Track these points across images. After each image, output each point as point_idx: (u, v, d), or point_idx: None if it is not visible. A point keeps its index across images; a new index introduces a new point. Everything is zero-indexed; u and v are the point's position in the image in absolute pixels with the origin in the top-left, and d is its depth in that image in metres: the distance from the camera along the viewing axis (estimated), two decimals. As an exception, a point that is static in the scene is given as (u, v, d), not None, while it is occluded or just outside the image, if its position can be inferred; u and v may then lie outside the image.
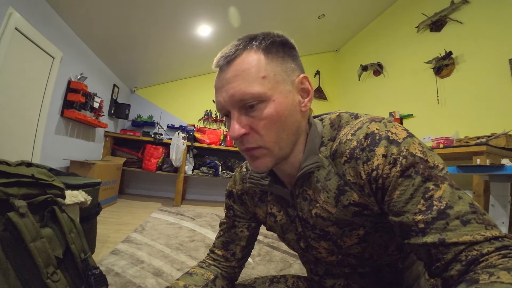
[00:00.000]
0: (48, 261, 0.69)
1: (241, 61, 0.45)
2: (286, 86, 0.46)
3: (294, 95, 0.47)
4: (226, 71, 0.46)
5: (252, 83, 0.44)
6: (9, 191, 0.70)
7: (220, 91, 0.47)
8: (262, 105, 0.44)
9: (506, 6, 2.11)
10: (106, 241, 1.71)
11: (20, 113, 1.92)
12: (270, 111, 0.44)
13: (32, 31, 1.91)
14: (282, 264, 1.60)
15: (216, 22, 3.04)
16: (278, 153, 0.47)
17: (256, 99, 0.44)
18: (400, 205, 0.40)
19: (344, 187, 0.47)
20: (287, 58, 0.48)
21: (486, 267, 0.32)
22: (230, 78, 0.45)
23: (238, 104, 0.45)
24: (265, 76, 0.44)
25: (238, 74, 0.44)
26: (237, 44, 0.46)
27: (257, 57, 0.45)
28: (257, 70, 0.44)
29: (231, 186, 0.69)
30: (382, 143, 0.42)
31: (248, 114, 0.46)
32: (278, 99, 0.45)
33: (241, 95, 0.44)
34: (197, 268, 0.65)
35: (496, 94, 2.12)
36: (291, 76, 0.47)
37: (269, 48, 0.46)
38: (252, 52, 0.45)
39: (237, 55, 0.45)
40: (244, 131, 0.45)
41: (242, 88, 0.44)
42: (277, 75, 0.45)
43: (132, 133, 3.68)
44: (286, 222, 0.59)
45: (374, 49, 3.72)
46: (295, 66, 0.49)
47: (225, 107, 0.47)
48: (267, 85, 0.44)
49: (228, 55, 0.46)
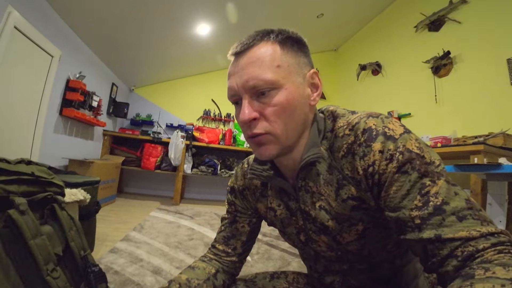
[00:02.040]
0: (48, 258, 0.69)
1: (257, 49, 0.47)
2: (298, 78, 0.48)
3: (305, 88, 0.49)
4: (241, 58, 0.48)
5: (266, 70, 0.45)
6: (9, 189, 0.70)
7: (234, 77, 0.48)
8: (274, 92, 0.46)
9: (504, 6, 2.11)
10: (105, 240, 1.72)
11: (19, 112, 1.92)
12: (281, 98, 0.46)
13: (31, 29, 1.91)
14: (281, 262, 1.61)
15: (214, 21, 3.03)
16: (284, 142, 0.48)
17: (269, 85, 0.45)
18: (396, 201, 0.41)
19: (343, 181, 0.48)
20: (300, 53, 0.50)
21: (481, 262, 0.32)
22: (245, 65, 0.47)
23: (250, 90, 0.46)
24: (279, 65, 0.46)
25: (253, 61, 0.46)
26: (254, 35, 0.48)
27: (273, 47, 0.47)
28: (272, 58, 0.46)
29: (232, 182, 0.70)
30: (379, 138, 0.43)
31: (259, 100, 0.47)
32: (290, 88, 0.46)
33: (255, 81, 0.45)
34: (199, 262, 0.67)
35: (494, 93, 2.13)
36: (303, 70, 0.49)
37: (285, 41, 0.48)
38: (268, 43, 0.48)
39: (254, 44, 0.48)
40: (254, 115, 0.47)
41: (257, 75, 0.45)
42: (291, 66, 0.47)
43: (130, 132, 3.67)
44: (286, 216, 0.59)
45: (372, 49, 3.73)
46: (307, 61, 0.51)
47: (237, 92, 0.48)
48: (280, 73, 0.46)
49: (245, 43, 0.48)
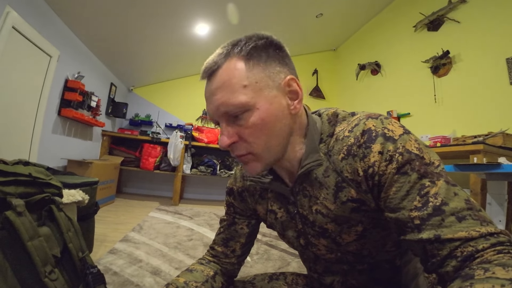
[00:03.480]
0: (46, 260, 0.69)
1: (222, 72, 0.45)
2: (271, 91, 0.46)
3: (281, 99, 0.47)
4: (210, 82, 0.47)
5: (234, 93, 0.44)
6: (6, 190, 0.69)
7: (207, 102, 0.48)
8: (247, 114, 0.45)
9: (503, 5, 2.11)
10: (104, 241, 1.71)
11: (17, 112, 1.91)
12: (255, 119, 0.45)
13: (30, 29, 1.90)
14: (280, 262, 1.61)
15: (213, 21, 3.03)
16: (267, 158, 0.48)
17: (240, 108, 0.44)
18: (396, 201, 0.41)
19: (342, 184, 0.48)
20: (271, 62, 0.47)
21: (481, 263, 0.32)
22: (214, 90, 0.46)
23: (224, 115, 0.46)
24: (246, 85, 0.44)
25: (220, 86, 0.45)
26: (219, 53, 0.46)
27: (238, 65, 0.45)
28: (238, 79, 0.44)
29: (231, 183, 0.69)
30: (379, 140, 0.43)
31: (236, 122, 0.46)
32: (263, 106, 0.45)
33: (225, 107, 0.45)
34: (197, 265, 0.66)
35: (493, 93, 2.13)
36: (275, 81, 0.46)
37: (250, 54, 0.45)
38: (233, 61, 0.45)
39: (218, 67, 0.46)
40: (232, 141, 0.46)
41: (225, 100, 0.44)
42: (260, 82, 0.45)
43: (129, 132, 3.66)
44: (286, 219, 0.59)
45: (372, 48, 3.73)
46: (281, 68, 0.47)
47: (213, 117, 0.48)
48: (249, 93, 0.44)
49: (210, 67, 0.46)
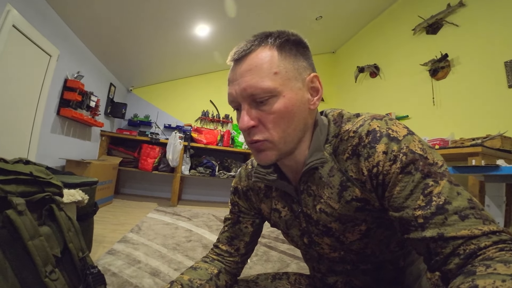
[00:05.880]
0: (47, 260, 0.68)
1: (254, 56, 0.46)
2: (297, 83, 0.47)
3: (304, 93, 0.48)
4: (240, 65, 0.47)
5: (264, 78, 0.45)
6: (7, 189, 0.69)
7: (233, 84, 0.48)
8: (272, 100, 0.46)
9: (502, 9, 2.14)
10: (103, 241, 1.70)
11: (16, 111, 1.90)
12: (280, 106, 0.45)
13: (30, 28, 1.89)
14: (280, 264, 1.60)
15: (213, 22, 3.04)
16: (282, 148, 0.48)
17: (267, 93, 0.45)
18: (400, 200, 0.41)
19: (347, 183, 0.48)
20: (300, 57, 0.49)
21: (483, 260, 0.33)
22: (243, 72, 0.46)
23: (249, 98, 0.46)
24: (277, 72, 0.45)
25: (251, 68, 0.46)
26: (252, 40, 0.48)
27: (271, 53, 0.46)
28: (270, 65, 0.45)
29: (236, 182, 0.70)
30: (383, 140, 0.43)
31: (258, 107, 0.47)
32: (288, 95, 0.46)
33: (253, 89, 0.45)
34: (201, 263, 0.67)
35: (491, 96, 2.15)
36: (302, 74, 0.48)
37: (283, 45, 0.47)
38: (266, 48, 0.47)
39: (251, 50, 0.47)
40: (253, 123, 0.47)
41: (254, 83, 0.45)
42: (289, 72, 0.47)
43: (128, 132, 3.66)
44: (291, 218, 0.59)
45: (370, 51, 3.75)
46: (307, 65, 0.50)
47: (236, 99, 0.48)
48: (278, 80, 0.45)
49: (243, 50, 0.47)
